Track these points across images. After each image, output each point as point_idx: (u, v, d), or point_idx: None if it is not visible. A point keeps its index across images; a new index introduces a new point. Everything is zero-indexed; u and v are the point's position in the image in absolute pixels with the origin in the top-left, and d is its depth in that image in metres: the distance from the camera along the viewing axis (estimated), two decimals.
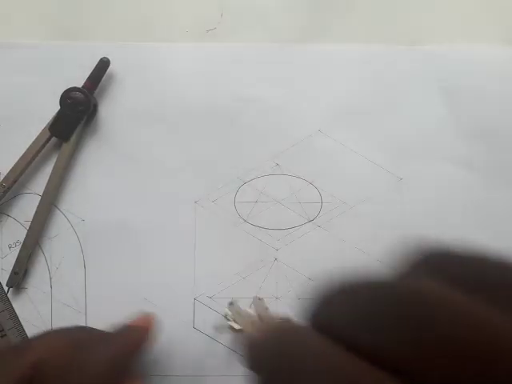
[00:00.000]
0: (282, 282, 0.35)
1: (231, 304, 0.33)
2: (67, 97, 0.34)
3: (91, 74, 0.34)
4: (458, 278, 0.12)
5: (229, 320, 0.33)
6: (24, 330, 0.34)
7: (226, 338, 0.34)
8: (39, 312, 0.35)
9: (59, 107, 0.34)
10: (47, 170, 0.35)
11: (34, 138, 0.34)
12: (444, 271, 0.12)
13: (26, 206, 0.35)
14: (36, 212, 0.34)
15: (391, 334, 0.11)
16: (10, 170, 0.34)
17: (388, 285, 0.11)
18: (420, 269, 0.13)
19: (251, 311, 0.33)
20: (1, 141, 0.35)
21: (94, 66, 0.34)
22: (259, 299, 0.34)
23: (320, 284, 0.13)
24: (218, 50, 0.35)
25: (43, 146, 0.34)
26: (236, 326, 0.32)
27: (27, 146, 0.34)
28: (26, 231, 0.34)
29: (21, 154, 0.34)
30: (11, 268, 0.34)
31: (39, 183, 0.35)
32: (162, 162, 0.35)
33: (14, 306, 0.34)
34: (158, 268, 0.35)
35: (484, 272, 0.12)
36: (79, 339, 0.27)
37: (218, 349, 0.34)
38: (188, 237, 0.35)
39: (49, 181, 0.34)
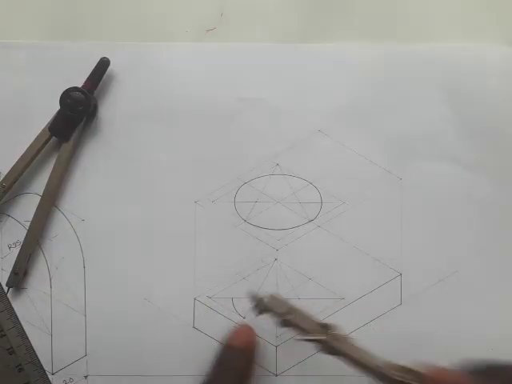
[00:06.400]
0: (282, 282, 0.35)
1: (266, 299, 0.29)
2: (67, 97, 0.34)
3: (91, 73, 0.34)
4: None
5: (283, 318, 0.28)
6: (24, 330, 0.34)
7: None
8: (39, 312, 0.35)
9: (59, 107, 0.34)
10: (47, 170, 0.35)
11: (34, 138, 0.34)
12: None
13: (26, 206, 0.35)
14: (36, 212, 0.34)
15: None
16: (10, 170, 0.34)
17: None
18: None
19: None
20: (1, 141, 0.35)
21: (94, 66, 0.34)
22: (274, 298, 0.30)
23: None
24: (217, 49, 0.35)
25: (43, 145, 0.34)
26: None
27: (27, 146, 0.34)
28: (26, 231, 0.34)
29: (21, 154, 0.34)
30: (11, 268, 0.34)
31: (39, 183, 0.35)
32: (161, 162, 0.35)
33: (14, 305, 0.34)
34: (158, 268, 0.35)
35: None
36: None
37: None
38: (188, 237, 0.35)
39: (49, 181, 0.34)
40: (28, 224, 0.34)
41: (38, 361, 0.34)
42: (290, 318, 0.28)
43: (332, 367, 0.34)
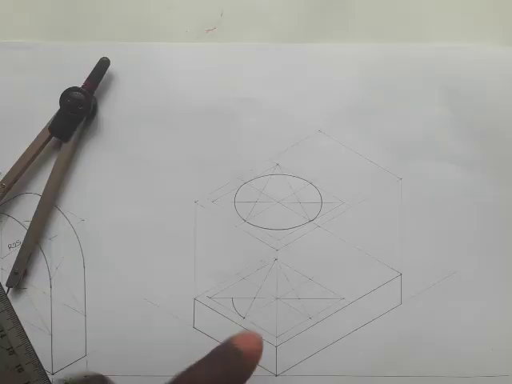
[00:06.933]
0: (282, 282, 0.35)
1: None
2: (67, 97, 0.34)
3: (91, 73, 0.34)
4: None
5: None
6: (24, 330, 0.34)
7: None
8: (39, 312, 0.35)
9: (59, 107, 0.34)
10: (47, 170, 0.35)
11: (34, 138, 0.34)
12: None
13: (26, 206, 0.35)
14: (36, 212, 0.34)
15: None
16: (10, 170, 0.34)
17: None
18: None
19: None
20: (1, 141, 0.35)
21: (94, 66, 0.34)
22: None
23: None
24: (217, 49, 0.35)
25: (43, 146, 0.34)
26: None
27: (27, 146, 0.34)
28: (25, 231, 0.34)
29: (21, 154, 0.34)
30: (11, 268, 0.34)
31: (39, 183, 0.35)
32: (161, 162, 0.35)
33: (14, 306, 0.34)
34: (158, 268, 0.35)
35: None
36: None
37: None
38: (188, 237, 0.35)
39: (49, 181, 0.34)
40: (28, 224, 0.34)
41: (38, 361, 0.34)
42: None
43: (332, 367, 0.34)
